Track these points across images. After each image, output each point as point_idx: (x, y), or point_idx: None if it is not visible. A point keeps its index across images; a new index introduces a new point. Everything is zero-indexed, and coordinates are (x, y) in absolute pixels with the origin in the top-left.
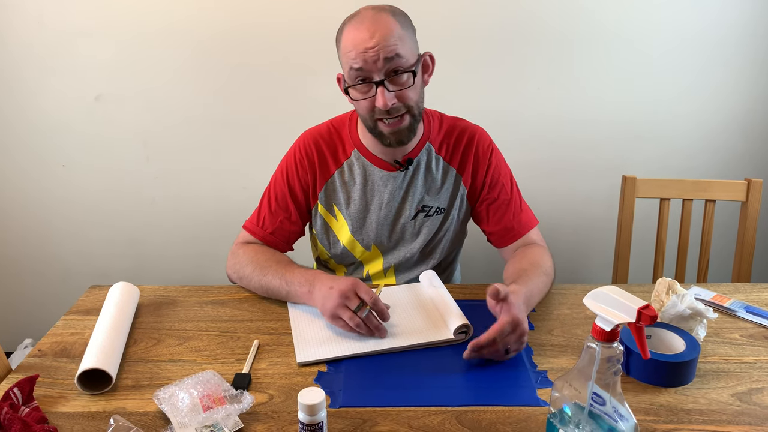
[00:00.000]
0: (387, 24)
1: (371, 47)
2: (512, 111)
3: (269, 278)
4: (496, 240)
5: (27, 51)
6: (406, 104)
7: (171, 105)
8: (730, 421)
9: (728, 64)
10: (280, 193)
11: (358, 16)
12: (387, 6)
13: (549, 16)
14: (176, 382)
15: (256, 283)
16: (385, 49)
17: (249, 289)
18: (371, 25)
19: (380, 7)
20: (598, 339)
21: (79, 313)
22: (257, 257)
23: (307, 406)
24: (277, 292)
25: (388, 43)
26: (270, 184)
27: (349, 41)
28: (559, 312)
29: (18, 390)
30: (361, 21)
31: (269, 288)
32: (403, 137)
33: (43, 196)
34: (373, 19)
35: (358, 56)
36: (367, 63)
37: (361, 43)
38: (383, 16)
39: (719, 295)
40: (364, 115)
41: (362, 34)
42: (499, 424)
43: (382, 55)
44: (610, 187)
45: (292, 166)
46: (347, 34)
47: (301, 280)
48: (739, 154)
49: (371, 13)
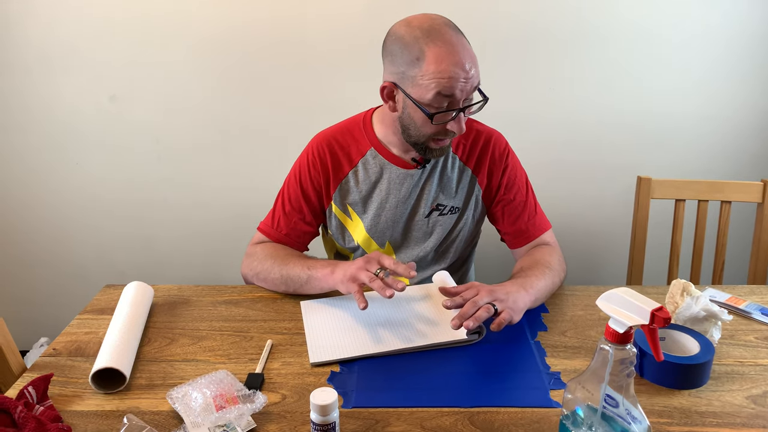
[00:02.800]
0: (472, 52)
1: (469, 78)
2: (525, 112)
3: (290, 267)
4: (510, 241)
5: (40, 52)
6: None
7: (183, 105)
8: (745, 424)
9: (743, 64)
10: (294, 195)
11: (443, 38)
12: (455, 26)
13: (562, 16)
14: (189, 382)
15: (276, 274)
16: (475, 80)
17: (266, 283)
18: (464, 54)
19: (455, 28)
20: (612, 341)
21: (94, 313)
22: (277, 252)
23: (320, 407)
24: (297, 278)
25: (477, 74)
26: (284, 186)
27: (442, 65)
28: (572, 313)
29: (33, 389)
30: (452, 45)
31: (290, 276)
32: (446, 150)
33: (57, 195)
34: (461, 45)
35: (455, 84)
36: (462, 93)
37: (459, 72)
38: (466, 43)
39: (734, 297)
40: (425, 132)
41: (459, 62)
42: (511, 426)
43: (471, 87)
44: (624, 188)
45: (305, 168)
46: (437, 56)
47: (323, 264)
48: (756, 155)
49: (456, 38)
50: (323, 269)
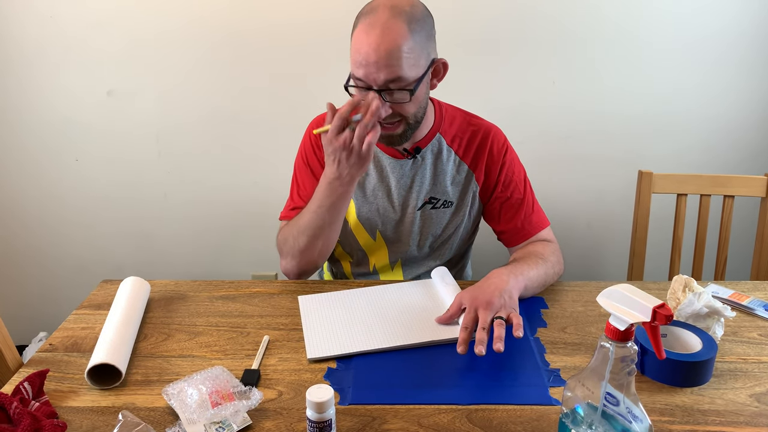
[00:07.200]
0: (397, 36)
1: (374, 61)
2: (527, 105)
3: (303, 213)
4: (507, 239)
5: (39, 46)
6: (402, 115)
7: (183, 100)
8: (748, 422)
9: (747, 56)
10: (303, 177)
11: (372, 17)
12: (407, 7)
13: (563, 9)
14: (185, 378)
15: (302, 225)
16: (387, 69)
17: (300, 245)
18: (380, 35)
19: (399, 8)
20: (612, 338)
21: (91, 308)
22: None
23: (316, 404)
24: (310, 213)
25: (391, 62)
26: (294, 171)
27: (356, 44)
28: (572, 309)
29: (28, 384)
30: (372, 26)
31: (306, 218)
32: (395, 141)
33: (56, 190)
34: (384, 26)
35: (361, 66)
36: (368, 76)
37: (365, 54)
38: (397, 25)
39: (737, 293)
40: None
41: (369, 44)
42: (510, 423)
43: (383, 76)
44: (625, 183)
45: (309, 149)
46: (357, 35)
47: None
48: (759, 148)
49: (385, 18)
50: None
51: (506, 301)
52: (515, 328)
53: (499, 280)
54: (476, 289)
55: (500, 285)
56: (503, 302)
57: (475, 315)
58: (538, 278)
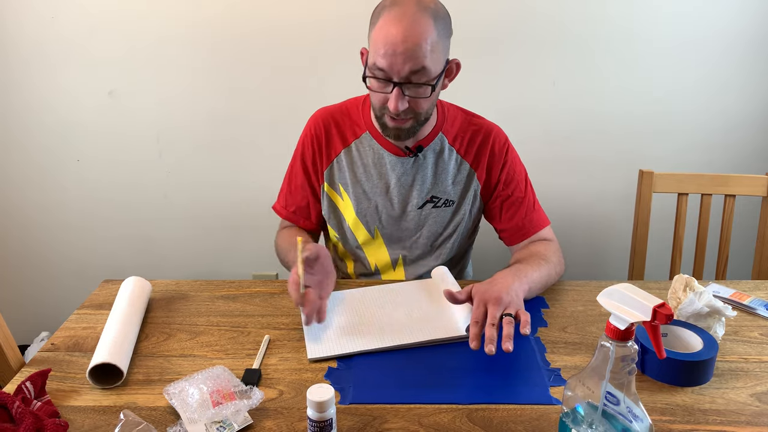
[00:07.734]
0: (424, 30)
1: (401, 52)
2: (528, 106)
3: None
4: (507, 238)
5: (39, 47)
6: (415, 111)
7: (183, 101)
8: (749, 422)
9: (747, 55)
10: (297, 172)
11: (398, 9)
12: (432, 4)
13: (563, 9)
14: (186, 378)
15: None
16: (413, 60)
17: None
18: (409, 27)
19: (425, 3)
20: (613, 338)
21: (92, 308)
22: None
23: (316, 403)
24: (284, 255)
25: (417, 54)
26: (290, 163)
27: (381, 35)
28: (573, 309)
29: (30, 384)
30: (400, 18)
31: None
32: (402, 135)
33: (58, 191)
34: (412, 19)
35: (386, 56)
36: (392, 66)
37: (392, 44)
38: (424, 19)
39: (738, 292)
40: (375, 104)
41: (396, 35)
42: (510, 423)
43: (409, 66)
44: (626, 182)
45: (307, 144)
46: (382, 25)
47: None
48: (760, 147)
49: (412, 11)
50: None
51: (514, 298)
52: (523, 324)
53: (504, 278)
54: (486, 284)
55: (506, 282)
56: (511, 299)
57: (485, 310)
58: (541, 280)
